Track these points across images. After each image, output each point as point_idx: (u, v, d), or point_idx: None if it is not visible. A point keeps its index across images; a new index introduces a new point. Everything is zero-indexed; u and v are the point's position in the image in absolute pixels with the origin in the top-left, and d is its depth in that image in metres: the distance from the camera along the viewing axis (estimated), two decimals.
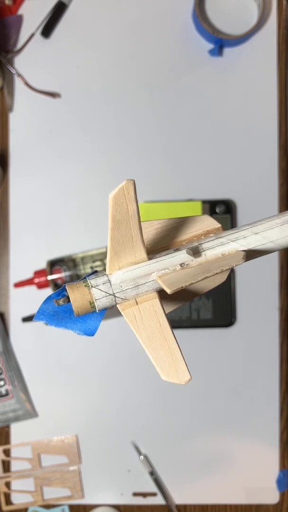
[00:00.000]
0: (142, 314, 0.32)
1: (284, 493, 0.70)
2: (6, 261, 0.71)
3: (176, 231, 0.35)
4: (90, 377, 0.70)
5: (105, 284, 0.32)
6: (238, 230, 0.34)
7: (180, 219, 0.35)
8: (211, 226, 0.34)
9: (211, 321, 0.69)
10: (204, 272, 0.31)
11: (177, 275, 0.31)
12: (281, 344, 0.70)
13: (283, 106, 0.71)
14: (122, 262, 0.32)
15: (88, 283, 0.32)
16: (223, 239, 0.33)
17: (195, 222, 0.35)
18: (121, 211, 0.30)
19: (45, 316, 0.32)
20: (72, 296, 0.31)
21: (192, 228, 0.34)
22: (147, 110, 0.71)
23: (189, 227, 0.35)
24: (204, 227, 0.34)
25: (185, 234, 0.34)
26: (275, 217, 0.34)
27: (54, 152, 0.71)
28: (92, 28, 0.71)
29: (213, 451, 0.70)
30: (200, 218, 0.35)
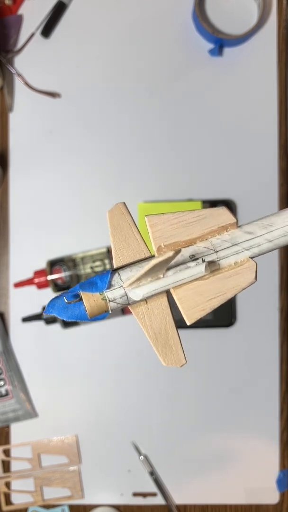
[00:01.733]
0: (150, 312, 0.33)
1: (284, 493, 0.70)
2: (6, 261, 0.71)
3: (192, 226, 0.34)
4: (90, 377, 0.70)
5: (122, 298, 0.33)
6: (253, 236, 0.34)
7: (198, 213, 0.34)
8: (226, 221, 0.34)
9: (211, 321, 0.69)
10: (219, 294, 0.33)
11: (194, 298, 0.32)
12: (281, 344, 0.70)
13: (283, 106, 0.71)
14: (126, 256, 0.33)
15: (105, 297, 0.32)
16: (238, 247, 0.34)
17: (212, 216, 0.34)
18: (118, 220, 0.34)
19: (54, 309, 0.32)
20: (88, 307, 0.32)
21: (208, 224, 0.34)
22: (147, 110, 0.71)
23: (206, 222, 0.34)
24: (219, 223, 0.34)
25: (201, 230, 0.34)
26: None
27: (54, 152, 0.71)
28: (92, 28, 0.71)
29: (213, 451, 0.70)
30: (218, 212, 0.34)
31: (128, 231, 0.34)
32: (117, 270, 0.33)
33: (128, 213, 0.34)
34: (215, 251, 0.33)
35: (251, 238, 0.34)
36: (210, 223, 0.34)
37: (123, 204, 0.34)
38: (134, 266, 0.33)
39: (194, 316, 0.33)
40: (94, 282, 0.32)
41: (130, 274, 0.33)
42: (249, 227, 0.34)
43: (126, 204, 0.35)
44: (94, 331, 0.70)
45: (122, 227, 0.34)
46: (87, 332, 0.70)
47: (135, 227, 0.34)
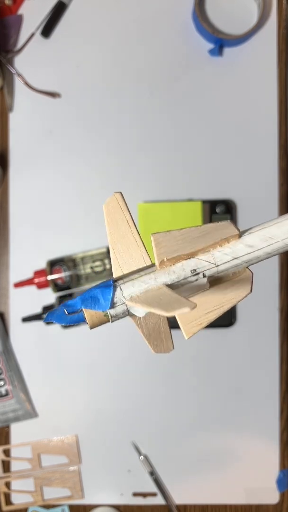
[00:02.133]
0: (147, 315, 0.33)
1: (284, 493, 0.70)
2: (6, 261, 0.71)
3: (196, 240, 0.34)
4: (90, 377, 0.70)
5: (123, 313, 0.32)
6: (254, 250, 0.34)
7: (203, 228, 0.34)
8: (229, 234, 0.34)
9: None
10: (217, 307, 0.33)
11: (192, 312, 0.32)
12: (281, 344, 0.70)
13: (283, 106, 0.71)
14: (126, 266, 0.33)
15: (107, 314, 0.32)
16: (238, 261, 0.34)
17: (217, 230, 0.34)
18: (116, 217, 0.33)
19: (54, 318, 0.32)
20: (90, 321, 0.32)
21: (212, 237, 0.34)
22: (147, 110, 0.71)
23: (210, 236, 0.34)
24: (222, 235, 0.34)
25: (204, 243, 0.34)
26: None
27: (54, 152, 0.71)
28: (92, 28, 0.71)
29: (213, 451, 0.70)
30: (223, 225, 0.34)
31: (126, 229, 0.33)
32: (119, 285, 0.32)
33: (125, 207, 0.33)
34: (216, 265, 0.33)
35: (252, 251, 0.34)
36: (213, 237, 0.34)
37: (120, 195, 0.34)
38: (136, 280, 0.32)
39: (192, 330, 0.33)
40: (96, 298, 0.32)
41: (133, 290, 0.32)
42: (250, 240, 0.34)
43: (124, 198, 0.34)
44: (94, 331, 0.70)
45: (120, 225, 0.33)
46: (87, 332, 0.70)
47: (133, 226, 0.33)
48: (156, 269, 0.32)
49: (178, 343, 0.71)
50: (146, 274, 0.32)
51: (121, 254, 0.33)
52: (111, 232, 0.33)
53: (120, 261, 0.33)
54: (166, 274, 0.32)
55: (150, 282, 0.32)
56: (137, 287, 0.32)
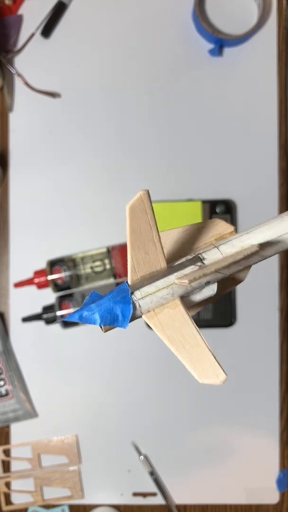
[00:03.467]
0: (168, 320, 0.32)
1: (284, 493, 0.70)
2: (6, 261, 0.71)
3: (191, 238, 0.35)
4: (90, 377, 0.70)
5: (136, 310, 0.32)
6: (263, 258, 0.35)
7: (195, 226, 0.35)
8: (225, 231, 0.35)
9: (211, 321, 0.69)
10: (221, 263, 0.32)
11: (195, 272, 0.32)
12: (281, 344, 0.70)
13: (283, 106, 0.71)
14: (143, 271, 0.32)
15: None
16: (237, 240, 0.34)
17: (209, 228, 0.35)
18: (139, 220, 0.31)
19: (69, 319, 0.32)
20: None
21: (207, 234, 0.35)
22: (147, 110, 0.71)
23: (204, 233, 0.35)
24: (218, 232, 0.34)
25: (201, 241, 0.35)
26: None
27: (54, 152, 0.71)
28: (92, 28, 0.71)
29: (213, 451, 0.70)
30: (213, 222, 0.35)
31: (148, 236, 0.31)
32: (137, 300, 0.32)
33: (150, 210, 0.30)
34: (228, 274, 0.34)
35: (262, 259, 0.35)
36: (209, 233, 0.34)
37: (146, 194, 0.30)
38: (154, 295, 0.32)
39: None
40: (115, 315, 0.31)
41: (150, 306, 0.32)
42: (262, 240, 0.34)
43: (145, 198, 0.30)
44: (94, 331, 0.70)
45: (142, 231, 0.31)
46: (87, 332, 0.70)
47: (156, 231, 0.31)
48: (173, 282, 0.32)
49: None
50: (164, 288, 0.32)
51: (138, 259, 0.31)
52: (132, 238, 0.31)
53: (137, 267, 0.32)
54: (183, 289, 0.32)
55: (168, 297, 0.32)
56: (155, 303, 0.32)
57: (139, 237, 0.31)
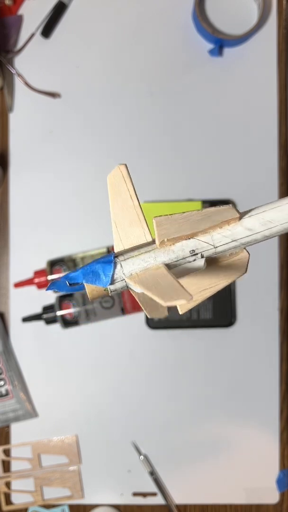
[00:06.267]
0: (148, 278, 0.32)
1: (284, 493, 0.70)
2: (6, 261, 0.71)
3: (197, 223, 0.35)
4: (90, 377, 0.70)
5: (122, 288, 0.33)
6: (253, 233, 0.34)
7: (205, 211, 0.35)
8: (229, 217, 0.34)
9: (211, 321, 0.69)
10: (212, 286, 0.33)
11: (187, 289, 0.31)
12: (281, 344, 0.70)
13: (283, 106, 0.71)
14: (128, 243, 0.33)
15: (107, 288, 0.33)
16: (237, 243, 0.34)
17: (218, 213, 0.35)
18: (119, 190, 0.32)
19: (55, 287, 0.34)
20: (90, 295, 0.33)
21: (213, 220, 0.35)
22: (147, 110, 0.71)
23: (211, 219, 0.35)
24: (223, 218, 0.34)
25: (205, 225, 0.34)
26: None
27: (54, 152, 0.71)
28: (92, 28, 0.71)
29: (213, 451, 0.70)
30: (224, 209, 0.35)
31: (129, 203, 0.33)
32: (120, 261, 0.33)
33: (129, 180, 0.33)
34: (214, 246, 0.34)
35: (250, 234, 0.34)
36: (214, 219, 0.34)
37: (124, 167, 0.33)
38: (136, 258, 0.33)
39: (186, 306, 0.33)
40: (97, 273, 0.33)
41: (133, 268, 0.33)
42: (249, 223, 0.34)
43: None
44: (94, 331, 0.70)
45: (123, 199, 0.33)
46: (87, 332, 0.70)
47: (136, 200, 0.33)
48: (155, 247, 0.33)
49: (178, 343, 0.71)
50: (146, 252, 0.33)
51: (122, 228, 0.33)
52: (113, 205, 0.33)
53: (121, 235, 0.33)
54: (166, 254, 0.33)
55: (150, 260, 0.33)
56: (137, 265, 0.33)
57: (120, 205, 0.32)
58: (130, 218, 0.33)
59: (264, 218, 0.34)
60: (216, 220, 0.34)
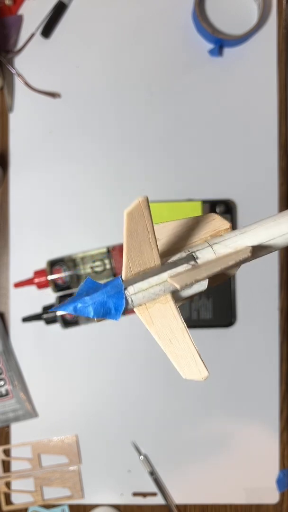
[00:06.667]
0: (158, 315, 0.33)
1: (284, 493, 0.70)
2: (6, 261, 0.71)
3: (187, 232, 0.35)
4: (90, 377, 0.70)
5: (128, 305, 0.33)
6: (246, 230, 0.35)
7: (190, 220, 0.35)
8: (221, 227, 0.35)
9: (211, 321, 0.69)
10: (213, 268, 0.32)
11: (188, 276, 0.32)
12: (281, 344, 0.70)
13: (283, 106, 0.71)
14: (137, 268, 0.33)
15: None
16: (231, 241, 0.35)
17: (205, 222, 0.36)
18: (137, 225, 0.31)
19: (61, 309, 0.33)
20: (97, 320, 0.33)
21: (203, 230, 0.35)
22: (147, 110, 0.71)
23: (200, 228, 0.35)
24: (213, 228, 0.35)
25: (196, 236, 0.35)
26: None
27: (54, 152, 0.71)
28: (92, 28, 0.71)
29: (213, 451, 0.70)
30: (210, 217, 0.35)
31: (145, 237, 0.31)
32: (130, 295, 0.32)
33: (148, 215, 0.31)
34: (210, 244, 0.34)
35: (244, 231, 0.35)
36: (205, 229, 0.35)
37: (145, 201, 0.30)
38: (146, 291, 0.33)
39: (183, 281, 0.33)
40: (108, 308, 0.32)
41: (142, 300, 0.33)
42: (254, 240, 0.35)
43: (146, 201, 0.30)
44: (94, 331, 0.70)
45: (139, 233, 0.31)
46: (87, 332, 0.70)
47: (152, 234, 0.32)
48: (165, 280, 0.33)
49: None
50: (157, 284, 0.33)
51: (133, 258, 0.32)
52: (128, 241, 0.31)
53: (131, 265, 0.32)
54: (175, 285, 0.33)
55: (160, 293, 0.33)
56: (147, 298, 0.33)
57: (135, 239, 0.31)
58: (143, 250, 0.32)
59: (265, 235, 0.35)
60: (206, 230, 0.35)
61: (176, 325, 0.32)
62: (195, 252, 0.34)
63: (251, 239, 0.34)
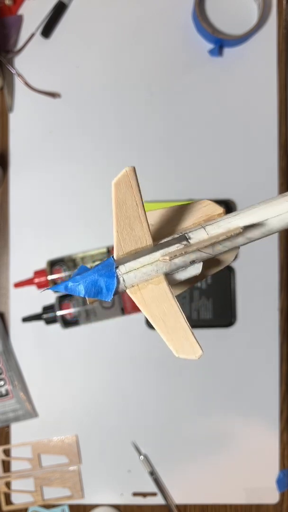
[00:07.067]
0: (151, 296, 0.33)
1: (284, 493, 0.70)
2: (6, 261, 0.71)
3: (179, 218, 0.35)
4: (90, 377, 0.70)
5: (120, 284, 0.33)
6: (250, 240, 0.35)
7: (183, 206, 0.35)
8: (214, 212, 0.35)
9: (211, 321, 0.69)
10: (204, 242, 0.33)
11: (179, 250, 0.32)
12: (281, 344, 0.70)
13: (283, 106, 0.71)
14: (129, 247, 0.33)
15: None
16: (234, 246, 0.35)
17: (198, 208, 0.35)
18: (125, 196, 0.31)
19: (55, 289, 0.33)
20: (89, 300, 0.33)
21: (196, 215, 0.35)
22: (147, 110, 0.71)
23: (193, 214, 0.35)
24: (207, 213, 0.35)
25: (189, 221, 0.35)
26: None
27: (54, 152, 0.71)
28: (92, 28, 0.71)
29: (213, 451, 0.70)
30: (203, 203, 0.35)
31: (134, 212, 0.32)
32: (122, 275, 0.33)
33: (136, 186, 0.31)
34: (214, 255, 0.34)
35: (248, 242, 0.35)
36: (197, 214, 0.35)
37: (132, 171, 0.31)
38: (138, 271, 0.33)
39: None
40: (99, 287, 0.32)
41: (134, 280, 0.33)
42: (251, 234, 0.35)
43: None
44: (94, 331, 0.70)
45: (128, 206, 0.31)
46: (87, 332, 0.70)
47: (141, 208, 0.32)
48: (157, 259, 0.33)
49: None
50: (148, 264, 0.33)
51: (124, 235, 0.32)
52: (117, 212, 0.32)
53: (123, 243, 0.32)
54: (168, 266, 0.33)
55: (152, 273, 0.33)
56: (139, 278, 0.33)
57: (124, 212, 0.31)
58: (133, 225, 0.32)
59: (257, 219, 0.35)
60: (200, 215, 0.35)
61: (169, 305, 0.32)
62: (188, 233, 0.34)
63: (243, 220, 0.34)
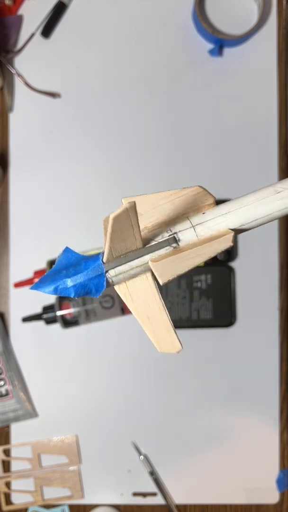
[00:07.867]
0: (136, 291, 0.34)
1: (284, 493, 0.70)
2: (6, 261, 0.71)
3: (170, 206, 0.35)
4: (90, 377, 0.70)
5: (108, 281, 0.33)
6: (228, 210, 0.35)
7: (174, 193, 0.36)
8: (204, 202, 0.35)
9: (211, 321, 0.69)
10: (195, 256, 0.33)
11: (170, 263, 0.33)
12: (281, 344, 0.70)
13: (283, 106, 0.71)
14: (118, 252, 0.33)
15: None
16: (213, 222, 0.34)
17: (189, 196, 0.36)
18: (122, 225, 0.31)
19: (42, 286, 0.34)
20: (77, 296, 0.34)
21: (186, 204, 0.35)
22: (147, 110, 0.71)
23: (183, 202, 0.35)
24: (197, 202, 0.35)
25: (179, 210, 0.35)
26: None
27: (54, 152, 0.71)
28: (92, 28, 0.71)
29: (213, 451, 0.70)
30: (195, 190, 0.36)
31: (129, 232, 0.31)
32: (111, 277, 0.33)
33: (136, 221, 0.31)
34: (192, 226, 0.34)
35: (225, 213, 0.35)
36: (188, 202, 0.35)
37: (133, 207, 0.30)
38: (127, 273, 0.33)
39: (167, 277, 0.33)
40: (89, 289, 0.33)
41: (122, 279, 0.33)
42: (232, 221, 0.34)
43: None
44: (94, 331, 0.70)
45: (123, 230, 0.31)
46: (87, 332, 0.70)
47: (137, 229, 0.31)
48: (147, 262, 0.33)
49: None
50: (137, 267, 0.33)
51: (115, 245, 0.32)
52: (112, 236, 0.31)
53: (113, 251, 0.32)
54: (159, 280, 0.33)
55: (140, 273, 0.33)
56: (127, 277, 0.33)
57: (119, 235, 0.31)
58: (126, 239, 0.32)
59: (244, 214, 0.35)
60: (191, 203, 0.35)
61: (154, 301, 0.33)
62: (177, 234, 0.34)
63: (233, 221, 0.34)
